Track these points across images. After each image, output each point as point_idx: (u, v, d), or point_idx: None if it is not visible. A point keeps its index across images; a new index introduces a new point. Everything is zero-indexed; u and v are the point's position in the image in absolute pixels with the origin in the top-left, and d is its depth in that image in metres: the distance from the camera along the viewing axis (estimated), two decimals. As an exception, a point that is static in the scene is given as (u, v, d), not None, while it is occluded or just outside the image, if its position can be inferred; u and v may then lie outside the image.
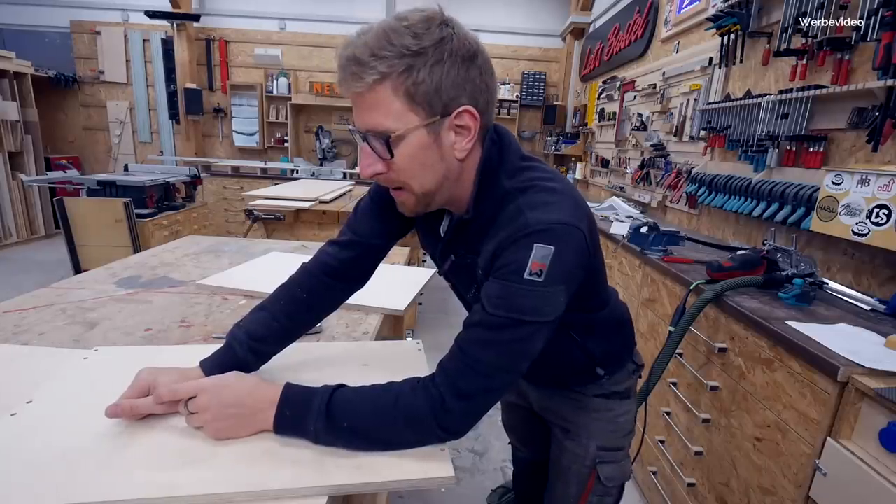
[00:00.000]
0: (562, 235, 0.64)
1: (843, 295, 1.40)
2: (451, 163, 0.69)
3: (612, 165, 4.07)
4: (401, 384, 0.68)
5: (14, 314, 1.11)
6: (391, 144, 0.64)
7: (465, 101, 0.65)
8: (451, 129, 0.67)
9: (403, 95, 0.62)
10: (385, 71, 0.61)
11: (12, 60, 5.06)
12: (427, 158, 0.67)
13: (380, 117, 0.63)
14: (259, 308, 0.84)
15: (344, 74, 0.63)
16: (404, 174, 0.68)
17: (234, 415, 0.66)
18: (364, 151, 0.68)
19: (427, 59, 0.61)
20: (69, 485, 0.56)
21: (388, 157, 0.65)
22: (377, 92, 0.62)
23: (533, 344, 0.66)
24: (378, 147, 0.65)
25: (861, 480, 0.89)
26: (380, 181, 0.72)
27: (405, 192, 0.70)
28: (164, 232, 3.65)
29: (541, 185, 0.69)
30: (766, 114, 1.89)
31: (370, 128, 0.65)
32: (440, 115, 0.64)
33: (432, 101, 0.63)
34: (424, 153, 0.66)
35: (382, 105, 0.63)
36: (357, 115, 0.66)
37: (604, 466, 0.95)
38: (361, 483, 0.60)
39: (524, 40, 6.14)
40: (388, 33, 0.61)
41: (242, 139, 6.25)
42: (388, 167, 0.67)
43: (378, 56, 0.60)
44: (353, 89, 0.63)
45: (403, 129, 0.64)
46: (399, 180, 0.69)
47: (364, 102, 0.64)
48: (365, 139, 0.66)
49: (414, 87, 0.62)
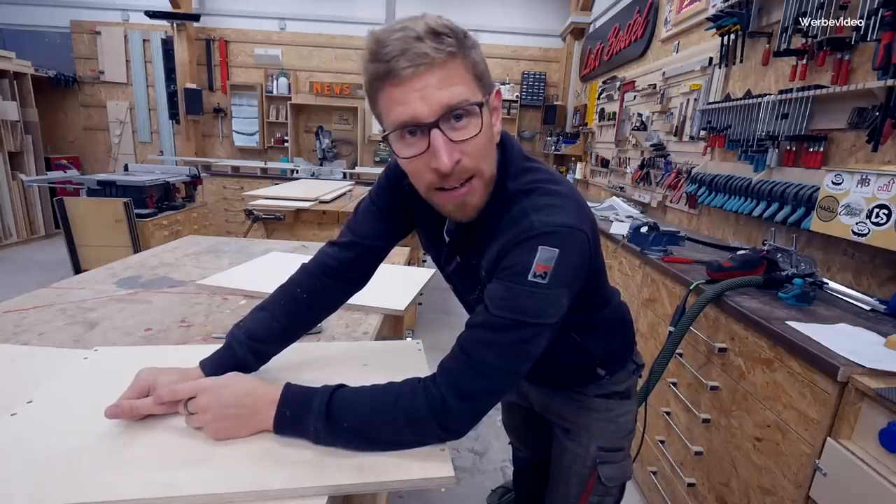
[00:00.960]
0: (566, 238, 0.65)
1: (843, 295, 1.40)
2: (494, 147, 0.70)
3: (612, 165, 4.07)
4: (401, 384, 0.68)
5: (14, 314, 1.11)
6: (482, 114, 0.63)
7: (495, 84, 0.68)
8: (493, 110, 0.68)
9: (470, 71, 0.63)
10: (454, 48, 0.61)
11: (12, 60, 5.06)
12: (491, 137, 0.68)
13: (462, 90, 0.61)
14: (259, 308, 0.84)
15: (405, 56, 0.58)
16: (479, 157, 0.65)
17: (233, 415, 0.66)
18: (438, 140, 0.61)
19: (472, 43, 0.64)
20: (69, 485, 0.56)
21: (476, 133, 0.63)
22: (454, 65, 0.61)
23: (535, 346, 0.66)
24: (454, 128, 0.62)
25: (861, 480, 0.89)
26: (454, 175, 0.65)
27: (476, 181, 0.67)
28: (164, 232, 3.65)
29: (545, 187, 0.70)
30: (766, 114, 1.89)
31: (454, 104, 0.61)
32: (488, 94, 0.66)
33: (485, 79, 0.66)
34: (489, 131, 0.67)
35: (460, 78, 0.62)
36: (425, 98, 0.60)
37: (604, 467, 0.95)
38: (361, 483, 0.60)
39: (524, 40, 6.13)
40: (431, 20, 0.61)
41: (242, 139, 6.25)
42: (462, 153, 0.64)
43: (441, 33, 0.60)
44: (431, 62, 0.59)
45: (480, 101, 0.63)
46: (474, 166, 0.65)
47: (444, 76, 0.60)
48: (435, 125, 0.61)
49: (474, 65, 0.64)
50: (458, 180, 0.66)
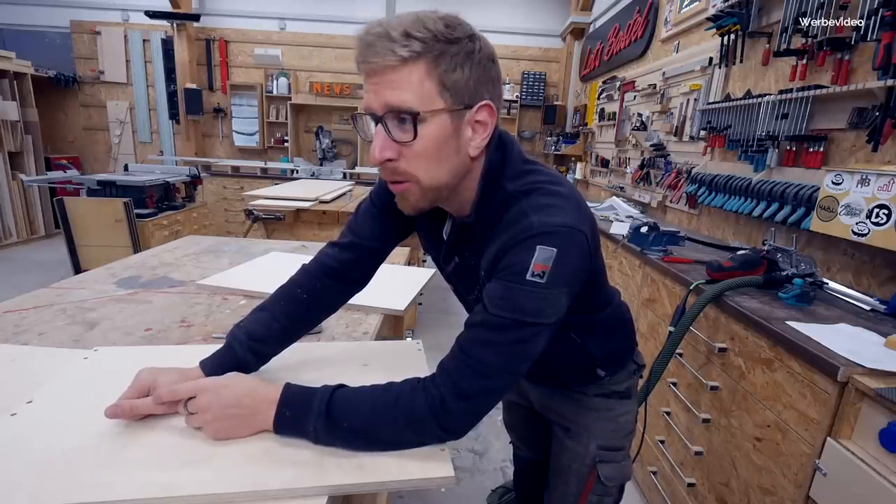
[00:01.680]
0: (565, 238, 0.65)
1: (843, 295, 1.40)
2: (464, 159, 0.68)
3: (612, 165, 4.07)
4: (401, 384, 0.68)
5: (14, 314, 1.11)
6: (417, 124, 0.62)
7: (486, 98, 0.66)
8: (470, 125, 0.67)
9: (435, 79, 0.62)
10: (419, 50, 0.60)
11: (12, 60, 5.06)
12: (445, 148, 0.66)
13: (407, 95, 0.61)
14: (259, 308, 0.84)
15: (371, 49, 0.61)
16: (417, 163, 0.65)
17: (233, 415, 0.66)
18: (378, 135, 0.64)
19: (460, 49, 0.62)
20: (69, 485, 0.56)
21: (410, 139, 0.63)
22: (409, 70, 0.61)
23: (534, 345, 0.66)
24: (398, 128, 0.63)
25: (861, 480, 0.89)
26: (386, 170, 0.67)
27: (411, 184, 0.67)
28: (164, 232, 3.65)
29: (544, 188, 0.70)
30: (766, 114, 1.89)
31: (395, 106, 0.62)
32: (464, 107, 0.65)
33: (460, 90, 0.64)
34: (444, 142, 0.65)
35: (412, 84, 0.61)
36: (377, 93, 0.63)
37: (603, 466, 0.95)
38: (361, 483, 0.60)
39: (524, 40, 6.13)
40: (422, 18, 0.61)
41: (242, 139, 6.25)
42: (400, 154, 0.64)
43: (412, 35, 0.60)
44: (382, 63, 0.60)
45: (430, 110, 0.62)
46: (408, 171, 0.66)
47: (390, 79, 0.61)
48: (380, 120, 0.63)
49: (446, 73, 0.62)
50: (390, 178, 0.68)
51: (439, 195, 0.70)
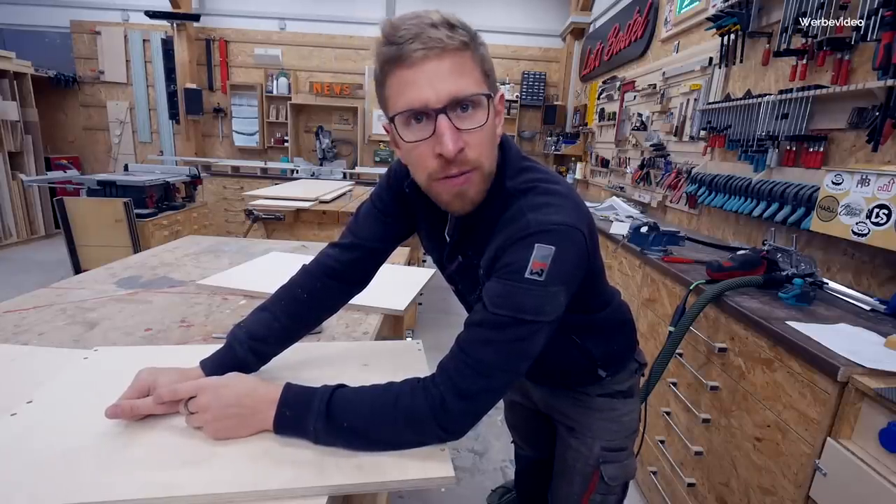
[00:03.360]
0: (562, 236, 0.65)
1: (843, 295, 1.40)
2: (496, 146, 0.71)
3: (612, 165, 4.07)
4: (401, 384, 0.68)
5: (14, 314, 1.11)
6: (490, 106, 0.64)
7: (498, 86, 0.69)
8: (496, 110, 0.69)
9: (479, 65, 0.64)
10: (467, 38, 0.62)
11: (12, 60, 5.06)
12: (494, 133, 0.68)
13: (472, 81, 0.63)
14: (260, 309, 0.84)
15: (417, 41, 0.59)
16: (482, 149, 0.66)
17: (234, 415, 0.66)
18: (445, 127, 0.61)
19: (482, 41, 0.66)
20: (69, 485, 0.56)
21: (482, 123, 0.63)
22: (465, 56, 0.62)
23: (533, 344, 0.66)
24: (459, 117, 0.62)
25: (861, 480, 0.89)
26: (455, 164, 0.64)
27: (475, 173, 0.67)
28: (164, 232, 3.65)
29: (542, 186, 0.70)
30: (766, 114, 1.89)
31: (462, 93, 0.62)
32: (494, 94, 0.67)
33: (491, 78, 0.67)
34: (493, 127, 0.67)
35: (472, 69, 0.63)
36: (433, 85, 0.60)
37: (607, 466, 0.96)
38: (361, 483, 0.60)
39: (524, 40, 6.13)
40: (444, 14, 0.62)
41: (242, 139, 6.25)
42: (465, 143, 0.64)
43: (455, 26, 0.61)
44: (440, 49, 0.60)
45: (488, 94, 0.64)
46: (476, 158, 0.65)
47: (454, 65, 0.61)
48: (443, 112, 0.61)
49: (483, 61, 0.65)
50: (459, 169, 0.66)
51: (488, 185, 0.71)
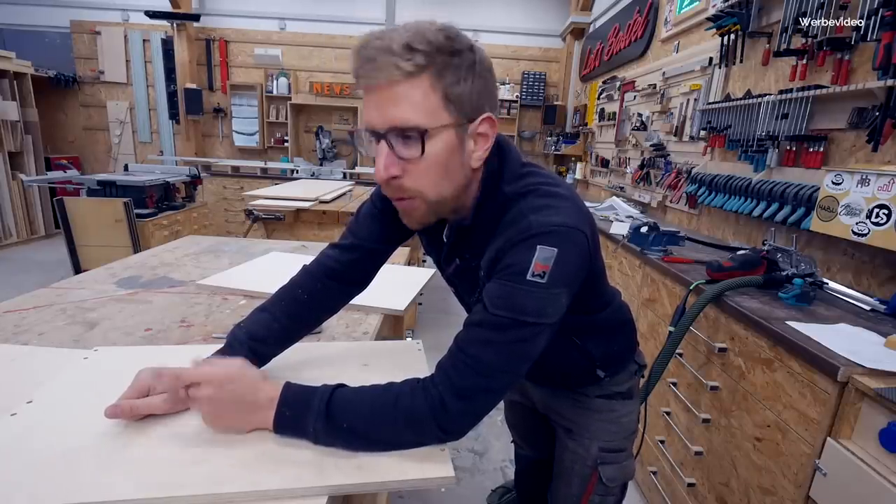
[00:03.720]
0: (565, 237, 0.64)
1: (843, 295, 1.40)
2: (467, 172, 0.68)
3: (612, 165, 4.07)
4: (401, 385, 0.68)
5: (14, 314, 1.11)
6: (425, 140, 0.61)
7: (487, 110, 0.66)
8: (473, 137, 0.66)
9: (440, 92, 0.61)
10: (423, 63, 0.59)
11: (12, 60, 5.06)
12: (450, 163, 0.65)
13: (411, 112, 0.60)
14: (260, 309, 0.84)
15: (372, 64, 0.59)
16: (423, 180, 0.64)
17: (233, 410, 0.66)
18: (381, 153, 0.62)
19: (462, 61, 0.62)
20: (69, 485, 0.56)
21: (418, 156, 0.61)
22: (413, 84, 0.59)
23: (534, 345, 0.66)
24: (403, 146, 0.61)
25: (861, 480, 0.89)
26: (391, 188, 0.66)
27: (417, 200, 0.67)
28: (164, 232, 3.65)
29: (543, 189, 0.70)
30: (766, 114, 1.89)
31: (399, 123, 0.60)
32: (468, 120, 0.64)
33: (464, 103, 0.63)
34: (449, 157, 0.64)
35: (416, 99, 0.60)
36: (379, 110, 0.61)
37: (605, 467, 0.95)
38: (361, 483, 0.60)
39: (524, 40, 6.13)
40: (421, 30, 0.59)
41: (242, 139, 6.25)
42: (404, 171, 0.63)
43: (415, 49, 0.58)
44: (385, 78, 0.59)
45: (436, 126, 0.61)
46: (414, 188, 0.65)
47: (392, 96, 0.60)
48: (383, 137, 0.62)
49: (450, 85, 0.61)
50: (395, 194, 0.67)
51: (443, 209, 0.70)
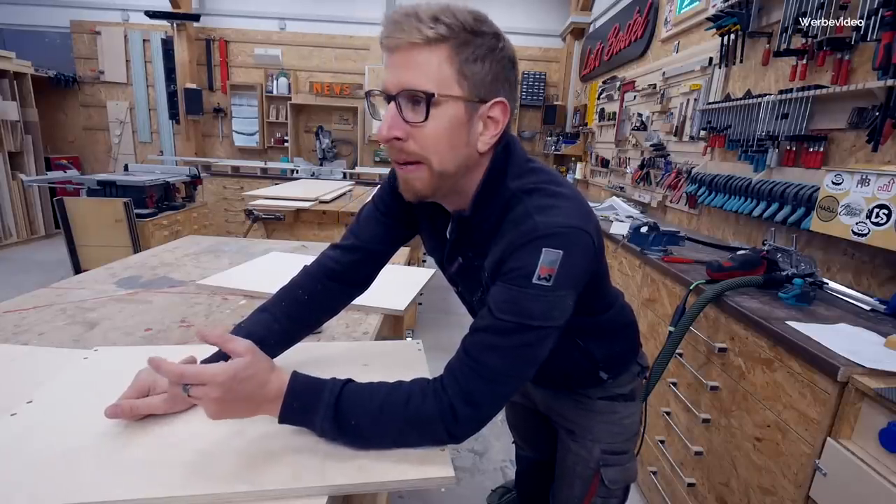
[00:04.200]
0: (570, 239, 0.64)
1: (843, 295, 1.40)
2: (472, 152, 0.69)
3: (612, 165, 4.07)
4: (410, 384, 0.67)
5: (14, 314, 1.11)
6: (430, 105, 0.62)
7: (501, 96, 0.67)
8: (482, 119, 0.67)
9: (456, 65, 0.62)
10: (444, 34, 0.61)
11: (12, 60, 5.06)
12: (455, 136, 0.66)
13: (423, 77, 0.62)
14: (261, 310, 0.84)
15: (396, 26, 0.61)
16: (429, 146, 0.65)
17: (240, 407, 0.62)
18: (389, 112, 0.64)
19: (484, 43, 0.64)
20: (69, 485, 0.56)
21: (421, 120, 0.63)
22: (431, 51, 0.61)
23: (541, 349, 0.66)
24: (410, 109, 0.63)
25: (861, 480, 0.89)
26: (394, 149, 0.67)
27: (421, 167, 0.67)
28: (164, 232, 3.65)
29: (547, 188, 0.69)
30: (766, 114, 1.89)
31: (410, 85, 0.62)
32: (479, 100, 0.65)
33: (478, 82, 0.64)
34: (457, 129, 0.65)
35: (431, 66, 0.62)
36: (395, 72, 0.63)
37: (608, 469, 0.95)
38: (361, 483, 0.60)
39: (524, 40, 6.13)
40: (452, 8, 0.62)
41: (242, 139, 6.25)
42: (409, 134, 0.64)
43: (441, 20, 0.61)
44: (406, 40, 0.61)
45: (446, 94, 0.63)
46: (418, 153, 0.65)
47: (410, 59, 0.62)
48: (393, 99, 0.63)
49: (466, 62, 0.63)
50: (398, 157, 0.68)
51: (444, 184, 0.70)
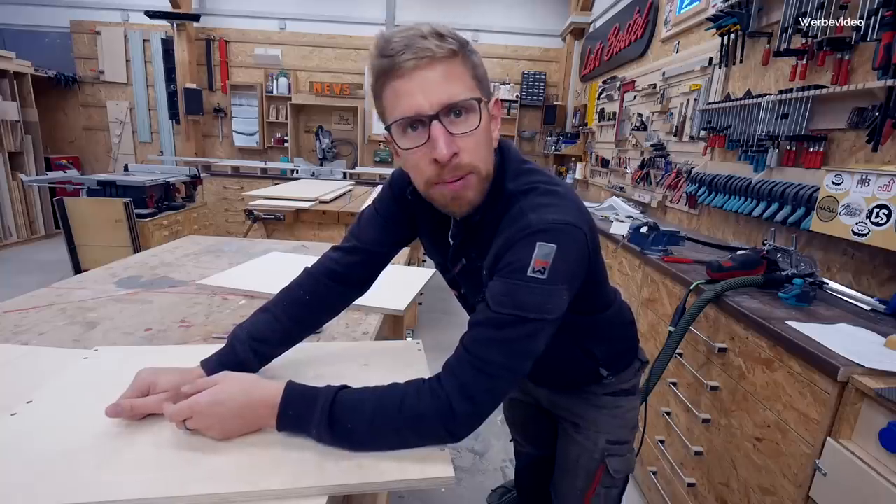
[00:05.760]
0: (563, 234, 0.66)
1: (843, 295, 1.40)
2: (493, 149, 0.72)
3: (612, 165, 4.07)
4: (405, 386, 0.67)
5: (14, 314, 1.11)
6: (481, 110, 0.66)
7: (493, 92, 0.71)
8: (491, 116, 0.70)
9: (471, 71, 0.67)
10: (455, 47, 0.64)
11: (12, 60, 5.06)
12: (488, 136, 0.70)
13: (461, 87, 0.64)
14: (262, 310, 0.84)
15: (411, 48, 0.62)
16: (476, 152, 0.67)
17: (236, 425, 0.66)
18: (438, 133, 0.63)
19: (472, 49, 0.68)
20: (69, 485, 0.56)
21: (475, 127, 0.65)
22: (455, 63, 0.65)
23: (536, 342, 0.66)
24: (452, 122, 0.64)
25: (861, 480, 0.89)
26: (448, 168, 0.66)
27: (472, 177, 0.68)
28: (164, 232, 3.65)
29: (542, 187, 0.71)
30: (766, 114, 1.89)
31: (454, 98, 0.64)
32: (487, 100, 0.69)
33: (485, 84, 0.69)
34: (487, 131, 0.69)
35: (460, 76, 0.65)
36: (425, 92, 0.63)
37: (612, 459, 0.98)
38: (361, 483, 0.60)
39: (524, 40, 6.13)
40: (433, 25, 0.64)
41: (242, 139, 6.25)
42: (459, 149, 0.65)
43: (443, 35, 0.64)
44: (429, 58, 0.62)
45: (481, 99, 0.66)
46: (470, 162, 0.67)
47: (444, 72, 0.63)
48: (436, 118, 0.63)
49: (475, 67, 0.68)
50: (454, 174, 0.67)
51: (485, 188, 0.72)
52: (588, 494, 0.99)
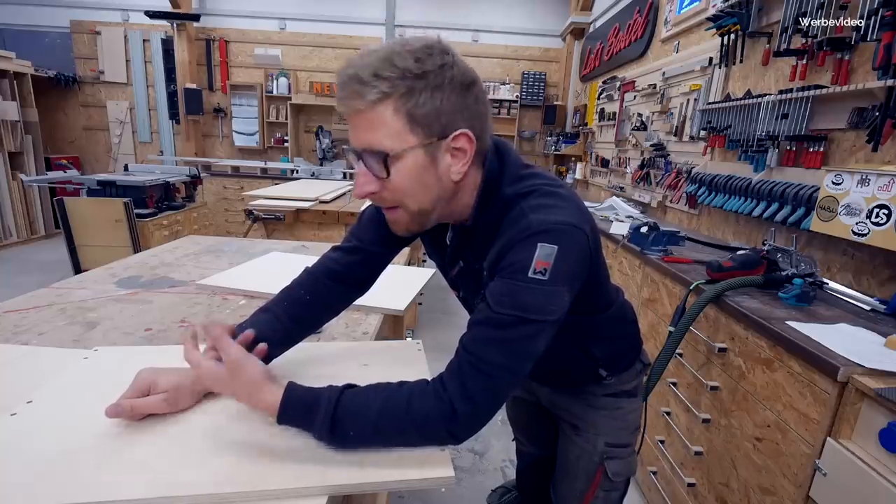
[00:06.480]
0: (564, 235, 0.65)
1: (843, 295, 1.40)
2: (447, 184, 0.70)
3: (612, 165, 4.07)
4: (409, 388, 0.67)
5: (14, 314, 1.11)
6: (388, 163, 0.65)
7: (462, 126, 0.66)
8: (448, 152, 0.68)
9: (404, 116, 0.63)
10: (387, 91, 0.62)
11: (12, 60, 5.06)
12: (423, 179, 0.67)
13: (378, 136, 0.64)
14: (262, 310, 0.84)
15: (344, 92, 0.64)
16: (400, 193, 0.68)
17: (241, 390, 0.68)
18: (359, 171, 0.68)
19: (428, 83, 0.63)
20: (69, 485, 0.56)
21: (384, 176, 0.66)
22: (378, 111, 0.63)
23: (536, 343, 0.66)
24: (374, 166, 0.66)
25: (861, 480, 0.89)
26: (373, 200, 0.71)
27: (399, 210, 0.70)
28: (164, 232, 3.65)
29: (543, 189, 0.71)
30: (766, 114, 1.89)
31: (367, 146, 0.65)
32: (438, 138, 0.66)
33: (431, 123, 0.65)
34: (420, 174, 0.67)
35: (382, 124, 0.63)
36: (354, 134, 0.66)
37: (611, 462, 0.97)
38: (361, 483, 0.61)
39: (524, 40, 6.13)
40: (391, 56, 0.62)
41: (242, 139, 6.25)
42: (382, 187, 0.67)
43: (380, 76, 0.61)
44: (353, 107, 0.63)
45: (401, 148, 0.64)
46: (393, 199, 0.69)
47: (363, 121, 0.64)
48: (360, 158, 0.67)
49: (414, 108, 0.63)
50: (378, 204, 0.72)
51: (428, 219, 0.73)
52: (587, 497, 0.99)
